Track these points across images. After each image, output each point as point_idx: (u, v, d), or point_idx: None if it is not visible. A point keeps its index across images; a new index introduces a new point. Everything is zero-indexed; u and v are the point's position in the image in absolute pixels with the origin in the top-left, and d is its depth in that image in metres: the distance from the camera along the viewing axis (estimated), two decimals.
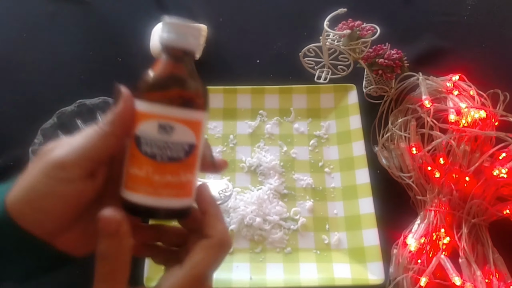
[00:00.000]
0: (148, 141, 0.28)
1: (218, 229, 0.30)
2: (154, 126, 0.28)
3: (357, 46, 0.60)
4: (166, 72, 0.29)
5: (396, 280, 0.50)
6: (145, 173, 0.28)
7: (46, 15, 0.76)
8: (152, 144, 0.28)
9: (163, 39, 0.29)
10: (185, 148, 0.29)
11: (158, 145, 0.28)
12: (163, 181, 0.29)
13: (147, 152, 0.28)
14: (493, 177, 0.52)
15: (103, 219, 0.27)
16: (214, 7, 0.77)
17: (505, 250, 0.51)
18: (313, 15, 0.65)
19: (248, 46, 0.73)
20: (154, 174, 0.28)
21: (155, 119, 0.28)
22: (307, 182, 0.59)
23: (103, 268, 0.28)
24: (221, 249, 0.30)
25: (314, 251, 0.54)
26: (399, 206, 0.56)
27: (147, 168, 0.28)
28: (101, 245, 0.28)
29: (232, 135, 0.62)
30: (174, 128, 0.28)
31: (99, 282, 0.28)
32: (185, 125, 0.29)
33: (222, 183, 0.56)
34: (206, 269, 0.29)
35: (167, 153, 0.28)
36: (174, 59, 0.29)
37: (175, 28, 0.29)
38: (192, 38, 0.29)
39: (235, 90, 0.65)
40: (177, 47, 0.29)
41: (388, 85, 0.62)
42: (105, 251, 0.28)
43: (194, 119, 0.29)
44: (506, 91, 0.59)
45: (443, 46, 0.70)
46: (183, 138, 0.29)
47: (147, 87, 0.29)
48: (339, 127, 0.62)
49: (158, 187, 0.29)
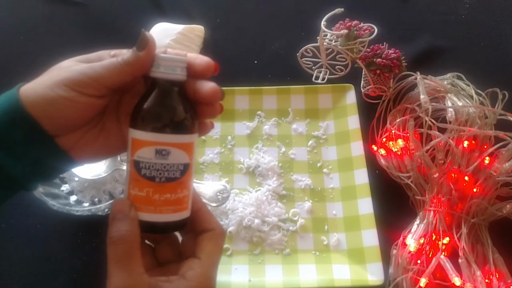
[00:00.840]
0: (147, 165, 0.31)
1: (216, 222, 0.35)
2: (151, 151, 0.31)
3: (355, 46, 0.60)
4: (158, 103, 0.31)
5: (396, 281, 0.50)
6: (146, 193, 0.31)
7: (43, 17, 0.76)
8: (150, 168, 0.31)
9: (153, 73, 0.32)
10: (180, 168, 0.32)
11: (156, 168, 0.31)
12: (163, 199, 0.32)
13: (146, 175, 0.31)
14: (492, 176, 0.51)
15: (116, 203, 0.31)
16: (211, 8, 0.77)
17: (505, 249, 0.51)
18: (310, 15, 0.65)
19: (246, 47, 0.72)
20: (154, 194, 0.31)
21: (152, 146, 0.31)
22: (306, 183, 0.58)
23: (116, 250, 0.30)
24: (223, 237, 0.34)
25: (313, 252, 0.54)
26: (398, 207, 0.56)
27: (148, 190, 0.31)
28: (113, 228, 0.30)
29: (230, 136, 0.62)
30: (169, 152, 0.31)
31: (114, 266, 0.30)
32: (179, 148, 0.31)
33: (220, 184, 0.56)
34: (218, 256, 0.34)
35: (164, 174, 0.31)
36: (164, 90, 0.32)
37: (163, 62, 0.31)
38: (180, 70, 0.32)
39: (233, 91, 0.65)
40: (167, 80, 0.31)
41: (386, 85, 0.62)
42: (118, 233, 0.30)
43: (187, 141, 0.32)
44: (505, 89, 0.59)
45: (441, 45, 0.70)
46: (178, 160, 0.32)
47: (141, 117, 0.31)
48: (337, 127, 0.62)
49: (158, 205, 0.32)
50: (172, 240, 0.36)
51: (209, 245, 0.33)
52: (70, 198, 0.56)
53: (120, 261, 0.30)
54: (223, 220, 0.56)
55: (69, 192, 0.57)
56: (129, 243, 0.30)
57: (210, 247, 0.33)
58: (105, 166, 0.50)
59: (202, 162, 0.60)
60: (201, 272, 0.32)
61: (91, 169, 0.50)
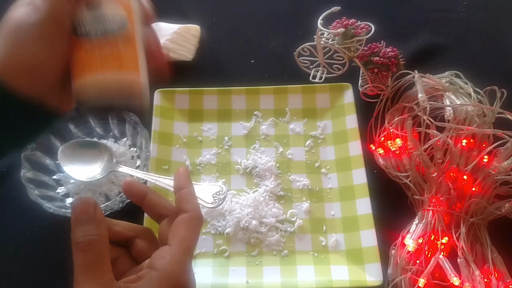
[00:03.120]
0: (80, 23, 0.29)
1: (194, 204, 0.32)
2: (83, 6, 0.30)
3: (352, 44, 0.59)
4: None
5: (395, 281, 0.49)
6: (85, 52, 0.29)
7: None
8: (84, 24, 0.29)
9: None
10: (117, 20, 0.30)
11: (89, 21, 0.29)
12: (104, 54, 0.29)
13: (82, 33, 0.29)
14: (491, 175, 0.51)
15: (77, 207, 0.28)
16: (206, 7, 0.76)
17: (504, 249, 0.51)
18: (307, 14, 0.64)
19: (242, 46, 0.72)
20: (93, 50, 0.29)
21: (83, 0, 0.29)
22: (304, 183, 0.58)
23: (86, 258, 0.27)
24: (198, 222, 0.32)
25: (312, 253, 0.53)
26: (396, 206, 0.55)
27: (86, 48, 0.29)
28: (79, 233, 0.28)
29: (227, 136, 0.62)
30: (100, 2, 0.30)
31: (83, 275, 0.27)
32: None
33: (216, 185, 0.56)
34: (192, 242, 0.31)
35: (99, 27, 0.29)
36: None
37: None
38: None
39: (229, 91, 0.64)
40: None
41: (384, 83, 0.62)
42: (86, 238, 0.27)
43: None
44: (503, 87, 0.59)
45: (439, 43, 0.70)
46: (112, 10, 0.30)
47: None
48: (335, 127, 0.62)
49: (100, 62, 0.29)
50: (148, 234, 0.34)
51: (182, 230, 0.31)
52: (66, 200, 0.56)
53: (89, 269, 0.27)
54: (220, 222, 0.55)
55: (65, 194, 0.56)
56: (98, 248, 0.28)
57: (183, 232, 0.31)
58: (100, 168, 0.50)
59: (198, 163, 0.60)
60: (172, 259, 0.29)
61: (87, 172, 0.50)
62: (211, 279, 0.51)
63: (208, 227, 0.55)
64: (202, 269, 0.52)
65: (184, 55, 0.68)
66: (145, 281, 0.29)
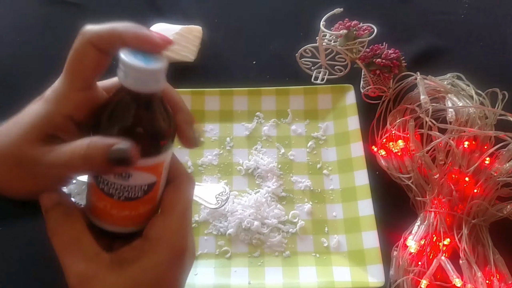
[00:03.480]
0: (105, 181, 0.27)
1: (182, 169, 0.31)
2: (111, 176, 0.27)
3: (354, 46, 0.59)
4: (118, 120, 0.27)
5: (397, 283, 0.49)
6: (103, 207, 0.28)
7: (39, 18, 0.75)
8: (109, 185, 0.27)
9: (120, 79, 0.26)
10: (143, 188, 0.28)
11: (115, 187, 0.27)
12: (121, 215, 0.29)
13: (104, 191, 0.28)
14: (492, 177, 0.51)
15: (42, 199, 0.28)
16: (209, 8, 0.77)
17: (506, 250, 0.51)
18: (309, 16, 0.64)
19: (244, 47, 0.72)
20: (112, 209, 0.28)
21: None
22: (306, 185, 0.58)
23: (62, 239, 0.27)
24: (189, 183, 0.31)
25: (313, 255, 0.53)
26: (398, 208, 0.55)
27: (105, 204, 0.28)
28: (50, 221, 0.28)
29: (229, 137, 0.62)
30: (131, 175, 0.27)
31: (65, 255, 0.27)
32: (143, 171, 0.27)
33: (219, 186, 0.56)
34: (185, 206, 0.30)
35: (124, 194, 0.28)
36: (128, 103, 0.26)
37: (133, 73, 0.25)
38: (153, 81, 0.26)
39: (231, 92, 0.64)
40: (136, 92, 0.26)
41: (386, 85, 0.62)
42: (57, 222, 0.27)
43: (153, 164, 0.28)
44: (505, 89, 0.59)
45: (441, 45, 0.70)
46: (141, 181, 0.28)
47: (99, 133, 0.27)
48: (337, 128, 0.62)
49: (116, 219, 0.29)
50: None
51: (172, 195, 0.30)
52: None
53: (68, 247, 0.27)
54: (222, 222, 0.55)
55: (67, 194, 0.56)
56: (71, 226, 0.27)
57: (173, 196, 0.29)
58: None
59: (200, 164, 0.60)
60: (165, 227, 0.28)
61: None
62: (213, 280, 0.51)
63: (210, 228, 0.55)
64: (204, 270, 0.52)
65: (186, 56, 0.68)
66: (139, 251, 0.28)
